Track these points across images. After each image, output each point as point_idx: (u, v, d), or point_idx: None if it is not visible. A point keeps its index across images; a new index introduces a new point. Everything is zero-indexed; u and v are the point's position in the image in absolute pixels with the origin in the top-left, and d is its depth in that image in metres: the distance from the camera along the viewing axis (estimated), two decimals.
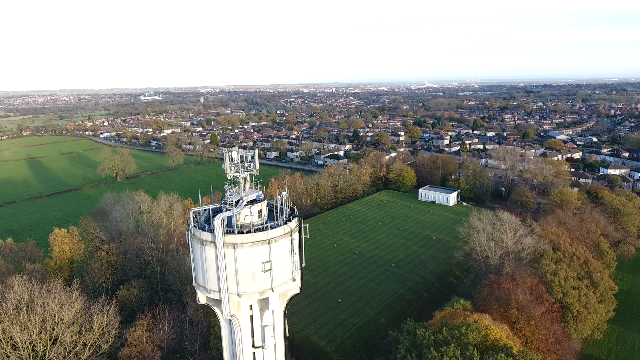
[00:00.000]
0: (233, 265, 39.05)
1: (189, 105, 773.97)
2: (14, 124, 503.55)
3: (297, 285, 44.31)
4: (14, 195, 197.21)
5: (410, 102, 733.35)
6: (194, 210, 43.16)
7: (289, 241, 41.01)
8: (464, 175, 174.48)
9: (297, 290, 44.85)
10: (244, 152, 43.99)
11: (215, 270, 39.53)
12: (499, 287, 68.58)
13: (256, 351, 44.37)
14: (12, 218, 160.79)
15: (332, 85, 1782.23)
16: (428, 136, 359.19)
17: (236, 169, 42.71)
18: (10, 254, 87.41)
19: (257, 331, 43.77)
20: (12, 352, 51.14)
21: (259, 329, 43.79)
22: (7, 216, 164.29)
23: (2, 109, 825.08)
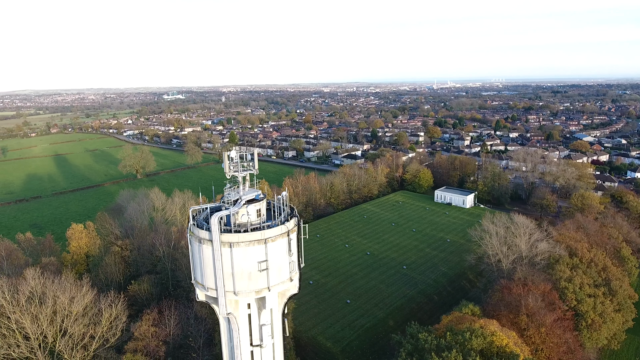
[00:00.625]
0: (229, 264, 39.21)
1: (210, 104, 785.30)
2: (43, 122, 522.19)
3: (295, 286, 44.17)
4: (39, 190, 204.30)
5: (431, 102, 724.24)
6: (194, 209, 43.56)
7: (286, 241, 40.89)
8: (482, 177, 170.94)
9: (295, 291, 44.73)
10: (244, 151, 44.23)
11: (212, 268, 39.78)
12: (509, 292, 66.84)
13: (254, 350, 44.44)
14: (36, 212, 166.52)
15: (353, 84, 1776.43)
16: (448, 137, 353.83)
17: (235, 168, 42.90)
18: (29, 247, 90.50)
19: (255, 330, 43.85)
20: (23, 342, 52.84)
21: (257, 327, 43.90)
22: (32, 210, 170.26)
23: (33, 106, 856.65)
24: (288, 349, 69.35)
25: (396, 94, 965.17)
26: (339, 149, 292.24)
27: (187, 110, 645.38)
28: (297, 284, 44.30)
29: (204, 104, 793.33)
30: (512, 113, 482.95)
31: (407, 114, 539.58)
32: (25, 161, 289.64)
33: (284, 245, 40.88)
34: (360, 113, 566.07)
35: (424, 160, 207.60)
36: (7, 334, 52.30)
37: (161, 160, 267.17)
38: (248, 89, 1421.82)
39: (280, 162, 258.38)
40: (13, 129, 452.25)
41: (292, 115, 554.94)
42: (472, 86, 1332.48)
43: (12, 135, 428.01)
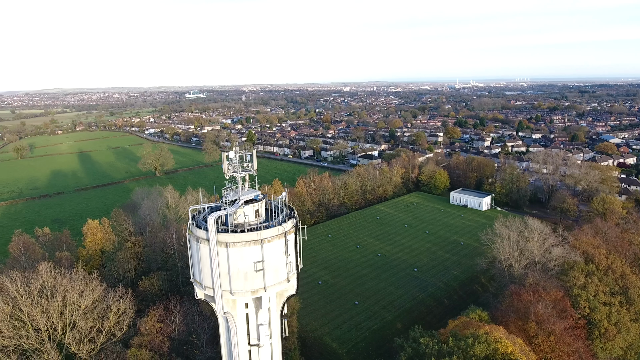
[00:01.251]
0: (226, 264, 39.45)
1: (230, 103, 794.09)
2: (70, 120, 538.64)
3: (293, 286, 44.17)
4: (63, 186, 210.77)
5: (452, 101, 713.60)
6: (193, 208, 44.03)
7: (283, 242, 40.85)
8: (501, 179, 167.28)
9: (293, 291, 44.75)
10: (243, 151, 44.43)
11: (209, 267, 40.10)
12: (518, 298, 65.15)
13: (252, 349, 44.64)
14: (58, 208, 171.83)
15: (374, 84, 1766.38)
16: (468, 137, 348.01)
17: (234, 168, 43.14)
18: (47, 241, 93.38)
19: (252, 329, 44.01)
20: (34, 334, 54.56)
21: (255, 327, 44.04)
22: (54, 206, 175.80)
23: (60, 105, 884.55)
24: (292, 348, 69.58)
25: (417, 94, 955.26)
26: (356, 148, 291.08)
27: (208, 109, 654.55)
28: (294, 285, 44.29)
29: (224, 102, 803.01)
30: (536, 113, 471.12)
31: (427, 114, 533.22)
32: (50, 158, 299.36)
33: (280, 246, 40.85)
34: (379, 113, 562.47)
35: (441, 161, 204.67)
36: (19, 325, 54.10)
37: (180, 159, 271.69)
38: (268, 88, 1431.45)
39: (296, 162, 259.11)
40: (41, 126, 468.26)
41: (311, 115, 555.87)
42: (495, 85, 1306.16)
43: (40, 133, 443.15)
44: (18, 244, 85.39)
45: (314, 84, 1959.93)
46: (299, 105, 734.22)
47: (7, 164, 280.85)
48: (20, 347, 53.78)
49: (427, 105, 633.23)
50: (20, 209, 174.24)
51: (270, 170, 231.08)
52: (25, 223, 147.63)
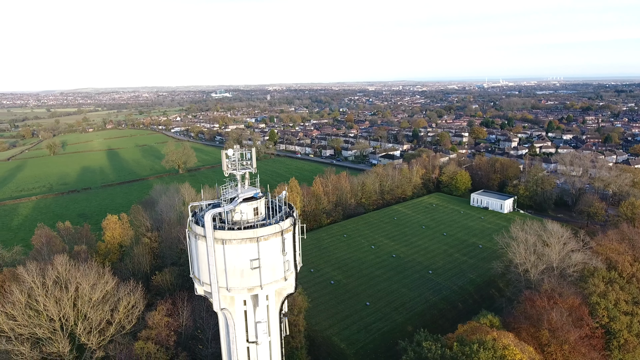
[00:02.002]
0: (222, 261, 39.60)
1: (255, 102, 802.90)
2: (100, 118, 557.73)
3: (291, 285, 43.89)
4: (90, 182, 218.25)
5: (480, 101, 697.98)
6: (193, 205, 44.47)
7: (279, 240, 40.67)
8: (525, 181, 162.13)
9: (291, 290, 44.47)
10: (243, 150, 44.51)
11: (207, 264, 40.39)
12: (532, 304, 62.86)
13: (250, 346, 44.73)
14: (85, 203, 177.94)
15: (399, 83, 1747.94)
16: (494, 138, 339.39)
17: (233, 166, 43.27)
18: (68, 235, 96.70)
19: (250, 326, 44.04)
20: (47, 323, 56.52)
21: (253, 324, 44.10)
22: (81, 201, 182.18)
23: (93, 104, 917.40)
24: (299, 347, 69.45)
25: (443, 93, 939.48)
26: (377, 148, 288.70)
27: (233, 108, 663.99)
28: (293, 284, 43.99)
29: (249, 102, 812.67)
30: (567, 113, 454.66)
31: (453, 114, 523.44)
32: (81, 154, 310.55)
33: (277, 244, 40.68)
34: (404, 112, 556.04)
35: (464, 162, 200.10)
36: (33, 314, 56.17)
37: (203, 157, 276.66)
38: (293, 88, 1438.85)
39: (317, 161, 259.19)
40: (73, 124, 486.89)
41: (335, 114, 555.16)
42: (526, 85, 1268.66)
43: (72, 131, 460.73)
44: (40, 236, 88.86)
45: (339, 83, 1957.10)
46: (323, 105, 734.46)
47: (41, 160, 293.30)
48: (34, 335, 55.84)
49: (453, 105, 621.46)
50: (49, 203, 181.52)
51: (291, 169, 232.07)
52: (53, 217, 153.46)
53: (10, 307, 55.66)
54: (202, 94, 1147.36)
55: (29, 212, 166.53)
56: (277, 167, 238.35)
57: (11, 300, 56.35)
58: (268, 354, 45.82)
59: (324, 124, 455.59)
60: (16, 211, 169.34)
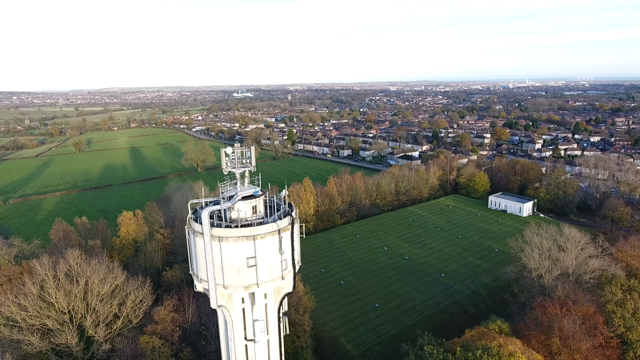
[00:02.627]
0: (219, 258, 39.69)
1: (276, 102, 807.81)
2: (125, 117, 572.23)
3: (289, 284, 43.68)
4: (112, 179, 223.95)
5: (504, 101, 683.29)
6: (193, 202, 44.80)
7: (276, 239, 40.48)
8: (546, 184, 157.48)
9: (290, 289, 44.25)
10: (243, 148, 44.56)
11: (204, 260, 40.66)
12: (543, 311, 60.80)
13: (248, 344, 44.76)
14: (106, 199, 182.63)
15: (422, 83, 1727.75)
16: (517, 139, 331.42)
17: (232, 164, 43.38)
18: (84, 230, 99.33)
19: (248, 324, 44.05)
20: (57, 315, 58.09)
21: (251, 322, 44.13)
22: (102, 197, 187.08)
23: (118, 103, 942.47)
24: (304, 347, 69.21)
25: (466, 93, 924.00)
26: (396, 149, 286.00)
27: (254, 108, 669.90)
28: (291, 283, 43.75)
29: (270, 101, 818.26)
30: (596, 115, 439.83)
31: (476, 114, 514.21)
32: (105, 152, 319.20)
33: (274, 243, 40.51)
34: (425, 113, 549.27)
35: (484, 164, 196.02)
36: (43, 305, 57.82)
37: None
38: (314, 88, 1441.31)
39: (334, 161, 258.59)
40: (99, 123, 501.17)
41: (355, 114, 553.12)
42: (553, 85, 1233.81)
43: (98, 129, 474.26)
44: (58, 231, 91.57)
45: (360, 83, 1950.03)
46: (344, 105, 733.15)
47: (67, 157, 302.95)
48: (44, 326, 57.47)
49: (476, 106, 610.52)
50: (72, 199, 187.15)
51: (307, 168, 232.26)
52: (75, 212, 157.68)
53: (23, 298, 57.46)
54: (224, 94, 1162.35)
55: (52, 208, 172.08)
56: (294, 167, 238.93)
57: (24, 291, 58.17)
58: (266, 353, 45.74)
59: (344, 124, 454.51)
60: (41, 206, 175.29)
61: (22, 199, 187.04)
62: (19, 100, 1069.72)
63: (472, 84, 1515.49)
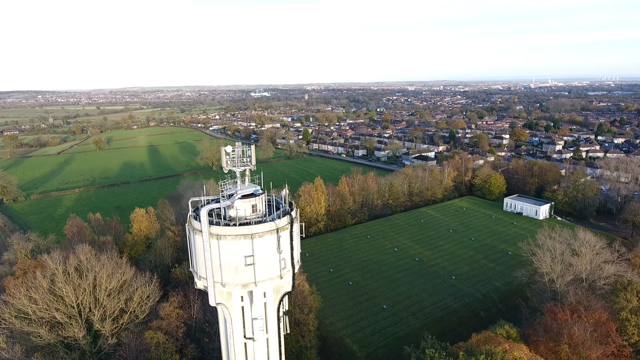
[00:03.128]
0: (217, 256, 39.80)
1: (293, 101, 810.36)
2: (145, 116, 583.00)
3: (288, 284, 43.56)
4: (130, 176, 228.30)
5: (525, 102, 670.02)
6: (193, 200, 45.05)
7: (274, 238, 40.37)
8: (564, 186, 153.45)
9: (289, 289, 44.13)
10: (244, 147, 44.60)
11: (203, 258, 40.89)
12: (553, 317, 59.11)
13: (247, 342, 44.82)
14: (122, 196, 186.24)
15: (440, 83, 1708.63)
16: (537, 140, 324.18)
17: (233, 163, 43.47)
18: (98, 226, 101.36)
19: (247, 323, 44.10)
20: (64, 308, 59.34)
21: (250, 321, 44.16)
22: (120, 194, 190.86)
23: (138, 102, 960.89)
24: (309, 347, 69.03)
25: (486, 93, 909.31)
26: (411, 149, 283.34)
27: (270, 107, 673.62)
28: (290, 282, 43.60)
29: (287, 101, 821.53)
30: (621, 116, 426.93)
31: (495, 115, 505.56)
32: (124, 150, 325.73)
33: (272, 242, 40.40)
34: (443, 113, 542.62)
35: (501, 165, 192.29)
36: (53, 299, 59.15)
37: None
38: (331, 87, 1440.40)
39: (348, 161, 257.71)
40: (119, 121, 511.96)
41: (371, 114, 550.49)
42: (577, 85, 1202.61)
43: (118, 127, 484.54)
44: (72, 226, 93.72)
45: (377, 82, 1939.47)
46: (360, 105, 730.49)
47: (87, 155, 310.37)
48: (53, 319, 58.78)
49: (496, 106, 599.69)
50: (90, 195, 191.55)
51: (321, 168, 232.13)
52: (92, 208, 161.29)
53: (34, 291, 58.90)
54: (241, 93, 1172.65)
55: (71, 204, 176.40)
56: (308, 166, 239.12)
57: (35, 284, 59.63)
58: (265, 351, 45.73)
59: (360, 124, 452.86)
60: (60, 202, 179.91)
61: (43, 195, 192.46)
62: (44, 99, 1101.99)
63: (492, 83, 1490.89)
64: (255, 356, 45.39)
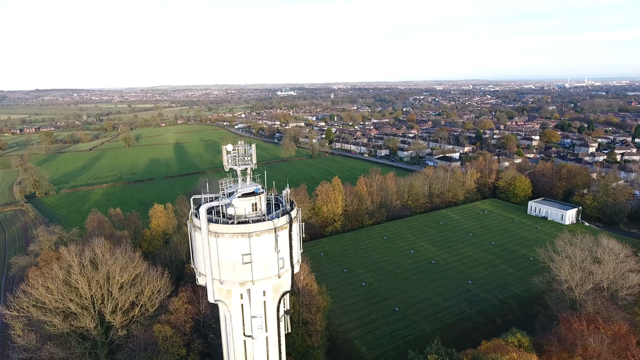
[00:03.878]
0: (216, 253, 40.09)
1: (318, 100, 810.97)
2: (173, 114, 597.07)
3: (286, 283, 43.43)
4: (155, 173, 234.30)
5: (559, 102, 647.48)
6: (195, 197, 45.55)
7: (272, 237, 40.28)
8: (593, 190, 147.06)
9: (288, 288, 44.01)
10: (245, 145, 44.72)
11: (202, 255, 41.30)
12: (568, 327, 56.63)
13: (247, 340, 44.98)
14: (147, 192, 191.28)
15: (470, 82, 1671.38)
16: (569, 142, 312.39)
17: (233, 161, 43.68)
18: (118, 220, 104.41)
19: (247, 320, 44.27)
20: (78, 299, 61.34)
21: (249, 318, 44.30)
22: (144, 190, 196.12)
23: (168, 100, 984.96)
24: (316, 346, 68.77)
25: (518, 93, 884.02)
26: (435, 149, 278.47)
27: (296, 106, 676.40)
28: (288, 282, 43.45)
29: (312, 100, 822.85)
30: None
31: (526, 115, 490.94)
32: (152, 147, 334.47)
33: (270, 241, 40.34)
34: (471, 113, 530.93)
35: (527, 167, 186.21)
36: (67, 290, 61.24)
37: (260, 153, 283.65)
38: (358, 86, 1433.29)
39: (370, 160, 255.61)
40: (149, 119, 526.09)
41: (397, 114, 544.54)
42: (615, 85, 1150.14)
43: (147, 125, 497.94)
44: (93, 220, 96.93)
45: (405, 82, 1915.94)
46: (386, 104, 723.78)
47: (116, 151, 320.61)
48: (68, 309, 60.88)
49: (527, 106, 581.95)
50: (117, 190, 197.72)
51: (342, 167, 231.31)
52: (117, 203, 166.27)
53: (50, 281, 61.16)
54: (268, 92, 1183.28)
55: (98, 198, 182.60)
56: (329, 165, 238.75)
57: (51, 275, 61.91)
58: (264, 350, 45.75)
59: (385, 124, 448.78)
60: (88, 197, 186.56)
61: (72, 190, 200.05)
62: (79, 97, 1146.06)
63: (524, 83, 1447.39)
64: (255, 354, 45.49)
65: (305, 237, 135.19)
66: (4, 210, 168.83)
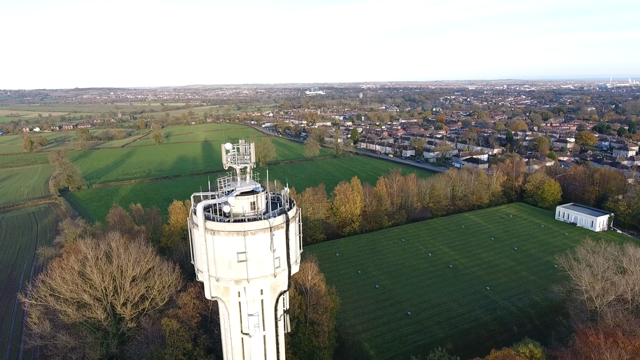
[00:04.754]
0: (212, 250, 40.51)
1: (347, 100, 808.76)
2: (203, 112, 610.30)
3: (283, 282, 43.39)
4: (182, 170, 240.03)
5: (598, 103, 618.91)
6: (195, 195, 46.10)
7: (268, 236, 40.24)
8: (628, 196, 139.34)
9: (284, 287, 43.97)
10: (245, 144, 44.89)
11: (199, 252, 41.75)
12: (584, 340, 53.71)
13: (244, 337, 45.14)
14: (172, 189, 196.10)
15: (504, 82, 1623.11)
16: (607, 145, 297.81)
17: (232, 160, 43.90)
18: (138, 216, 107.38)
19: (244, 318, 44.46)
20: (91, 291, 63.45)
21: (246, 316, 44.41)
22: (170, 187, 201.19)
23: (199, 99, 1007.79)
24: (322, 347, 68.31)
25: (555, 93, 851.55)
26: (463, 151, 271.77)
27: (323, 106, 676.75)
28: (285, 281, 43.40)
29: (340, 100, 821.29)
30: None
31: (562, 116, 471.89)
32: (181, 145, 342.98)
33: (265, 240, 40.31)
34: (503, 114, 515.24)
35: (557, 171, 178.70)
36: (82, 281, 63.46)
37: (285, 152, 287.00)
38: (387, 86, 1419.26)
39: (395, 161, 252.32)
40: (180, 117, 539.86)
41: (426, 114, 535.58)
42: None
43: (178, 123, 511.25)
44: (114, 215, 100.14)
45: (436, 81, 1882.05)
46: (416, 104, 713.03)
47: (147, 149, 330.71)
48: (81, 300, 63.09)
49: (564, 107, 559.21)
50: (144, 186, 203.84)
51: (366, 168, 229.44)
52: (144, 199, 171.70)
53: (67, 272, 63.57)
54: (297, 91, 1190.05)
55: (126, 194, 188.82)
56: (353, 165, 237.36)
57: (68, 266, 64.33)
58: (262, 347, 45.79)
59: (413, 124, 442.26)
60: (117, 192, 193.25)
61: (103, 185, 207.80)
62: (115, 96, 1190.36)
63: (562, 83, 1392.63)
64: (252, 352, 45.64)
65: (322, 237, 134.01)
66: (39, 203, 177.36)
